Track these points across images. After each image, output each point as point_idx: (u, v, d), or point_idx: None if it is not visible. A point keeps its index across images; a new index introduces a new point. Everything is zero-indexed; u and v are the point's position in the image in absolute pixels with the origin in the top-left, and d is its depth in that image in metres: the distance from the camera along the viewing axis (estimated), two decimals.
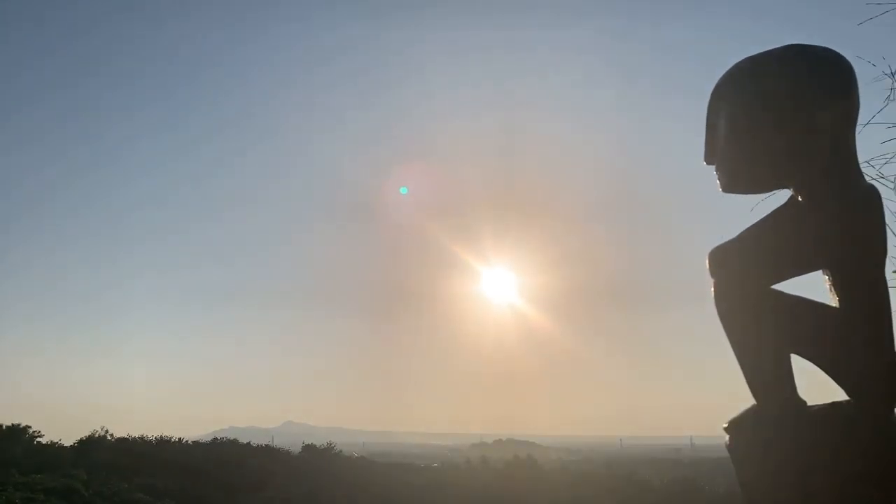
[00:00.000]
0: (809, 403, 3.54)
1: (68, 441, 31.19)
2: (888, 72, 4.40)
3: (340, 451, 34.08)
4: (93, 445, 30.12)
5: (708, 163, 3.84)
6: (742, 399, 3.63)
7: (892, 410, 3.39)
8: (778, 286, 3.57)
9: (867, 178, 3.68)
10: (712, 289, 3.66)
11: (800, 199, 3.60)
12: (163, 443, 31.71)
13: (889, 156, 4.24)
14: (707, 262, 3.69)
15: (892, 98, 4.36)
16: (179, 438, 33.15)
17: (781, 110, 3.54)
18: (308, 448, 33.32)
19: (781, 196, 3.71)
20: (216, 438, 35.75)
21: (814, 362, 3.51)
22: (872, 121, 4.09)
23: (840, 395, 3.46)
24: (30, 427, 31.39)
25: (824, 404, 3.49)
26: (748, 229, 3.67)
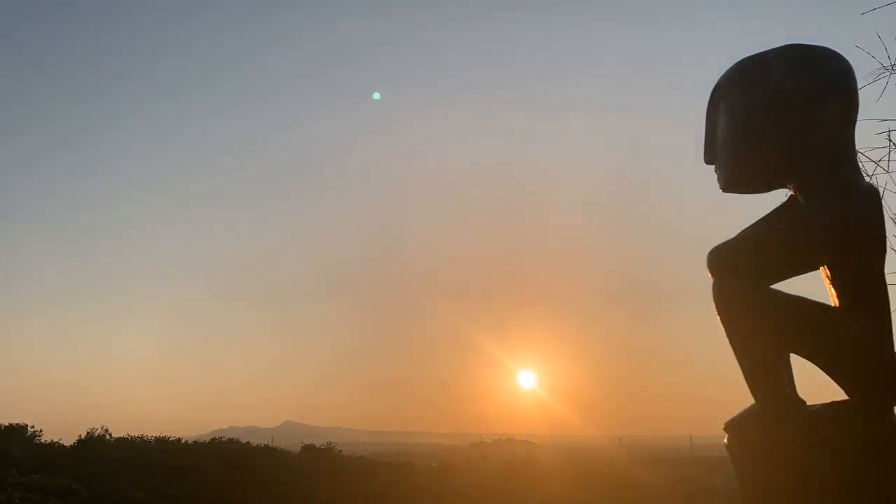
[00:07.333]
0: (809, 403, 3.54)
1: (68, 441, 31.21)
2: (887, 64, 4.38)
3: (340, 451, 34.03)
4: (92, 445, 30.08)
5: (707, 162, 3.83)
6: (742, 399, 3.62)
7: (892, 410, 3.39)
8: (778, 286, 3.56)
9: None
10: (712, 288, 3.65)
11: (799, 198, 3.59)
12: (162, 443, 31.67)
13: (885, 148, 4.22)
14: (707, 261, 3.69)
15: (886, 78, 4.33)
16: (179, 438, 33.14)
17: (781, 109, 3.54)
18: (308, 448, 33.29)
19: (781, 195, 3.70)
20: (216, 438, 35.71)
21: (814, 362, 3.50)
22: (870, 114, 4.07)
23: (840, 395, 3.46)
24: (29, 426, 31.46)
25: (824, 404, 3.49)
26: (747, 229, 3.66)
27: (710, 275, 3.67)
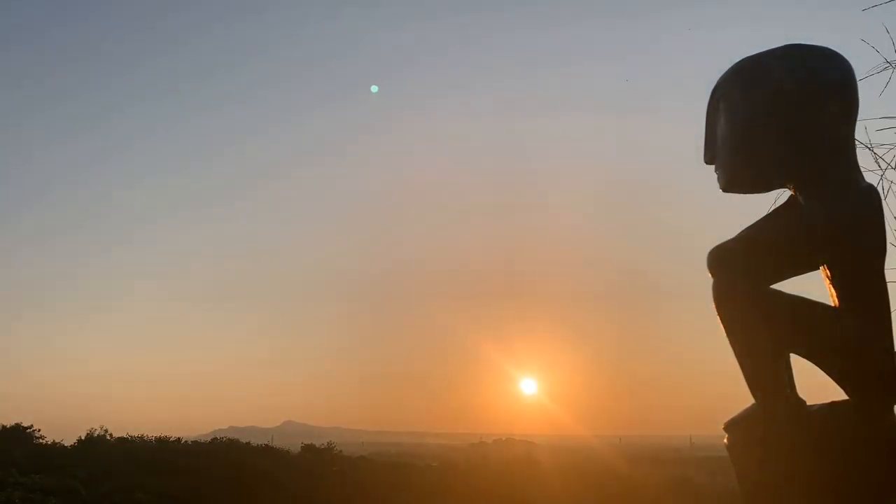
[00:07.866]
0: (809, 403, 3.54)
1: (68, 441, 31.24)
2: (892, 59, 4.36)
3: (340, 451, 34.05)
4: (92, 445, 30.12)
5: (708, 162, 3.84)
6: (742, 399, 3.62)
7: (892, 410, 3.39)
8: (778, 286, 3.57)
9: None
10: (712, 288, 3.66)
11: (799, 198, 3.60)
12: (162, 443, 31.70)
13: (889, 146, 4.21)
14: (707, 261, 3.69)
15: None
16: (179, 438, 33.15)
17: (781, 110, 3.55)
18: (308, 448, 33.30)
19: (781, 195, 3.71)
20: (216, 438, 35.73)
21: (813, 362, 3.51)
22: (873, 112, 4.07)
23: (840, 395, 3.46)
24: (30, 426, 31.51)
25: (824, 404, 3.49)
26: (747, 229, 3.67)
27: (710, 275, 3.68)
